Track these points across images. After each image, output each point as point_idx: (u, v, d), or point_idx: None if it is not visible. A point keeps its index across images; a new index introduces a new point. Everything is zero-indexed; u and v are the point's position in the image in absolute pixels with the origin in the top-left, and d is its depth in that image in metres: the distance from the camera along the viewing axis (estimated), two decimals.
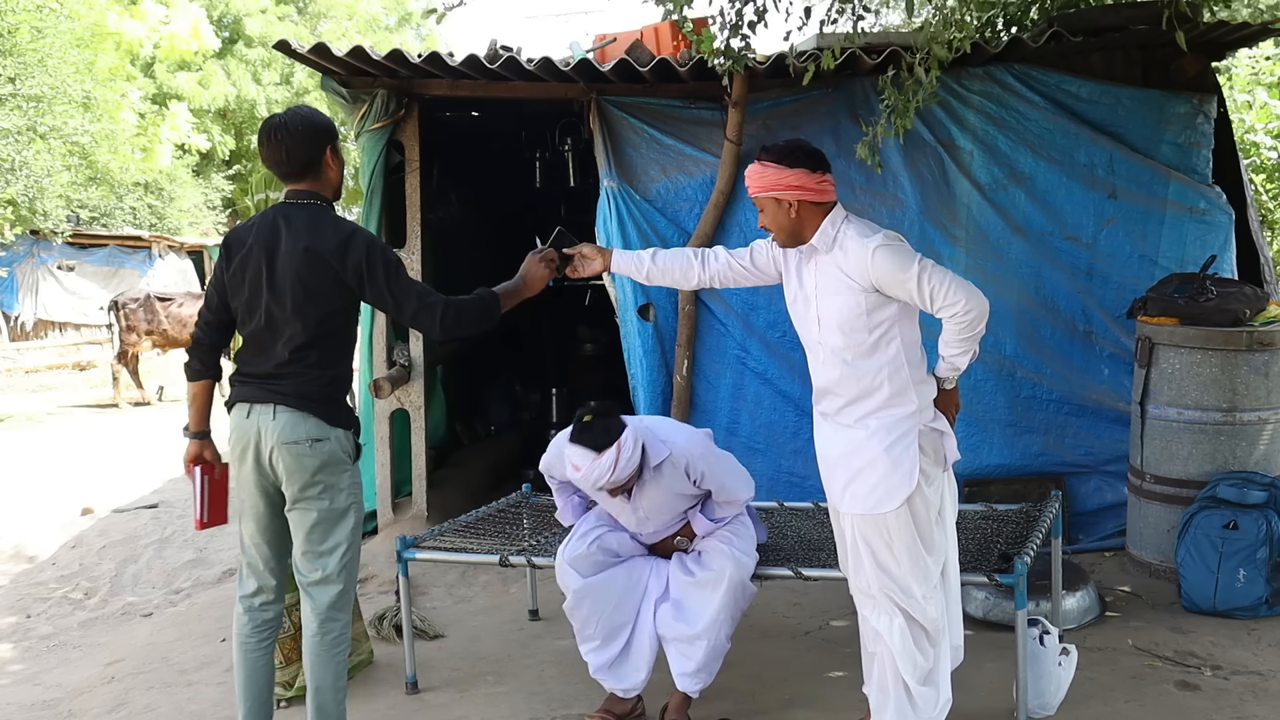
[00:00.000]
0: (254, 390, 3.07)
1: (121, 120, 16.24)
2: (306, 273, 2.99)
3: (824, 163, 2.98)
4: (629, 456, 3.16)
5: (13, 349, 17.76)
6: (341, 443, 3.07)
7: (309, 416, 3.02)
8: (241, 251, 3.08)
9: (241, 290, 3.08)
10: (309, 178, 3.09)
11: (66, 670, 4.37)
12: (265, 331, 3.06)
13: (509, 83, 5.25)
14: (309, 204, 3.09)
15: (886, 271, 2.85)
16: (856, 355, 2.94)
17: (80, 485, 8.07)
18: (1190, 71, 5.07)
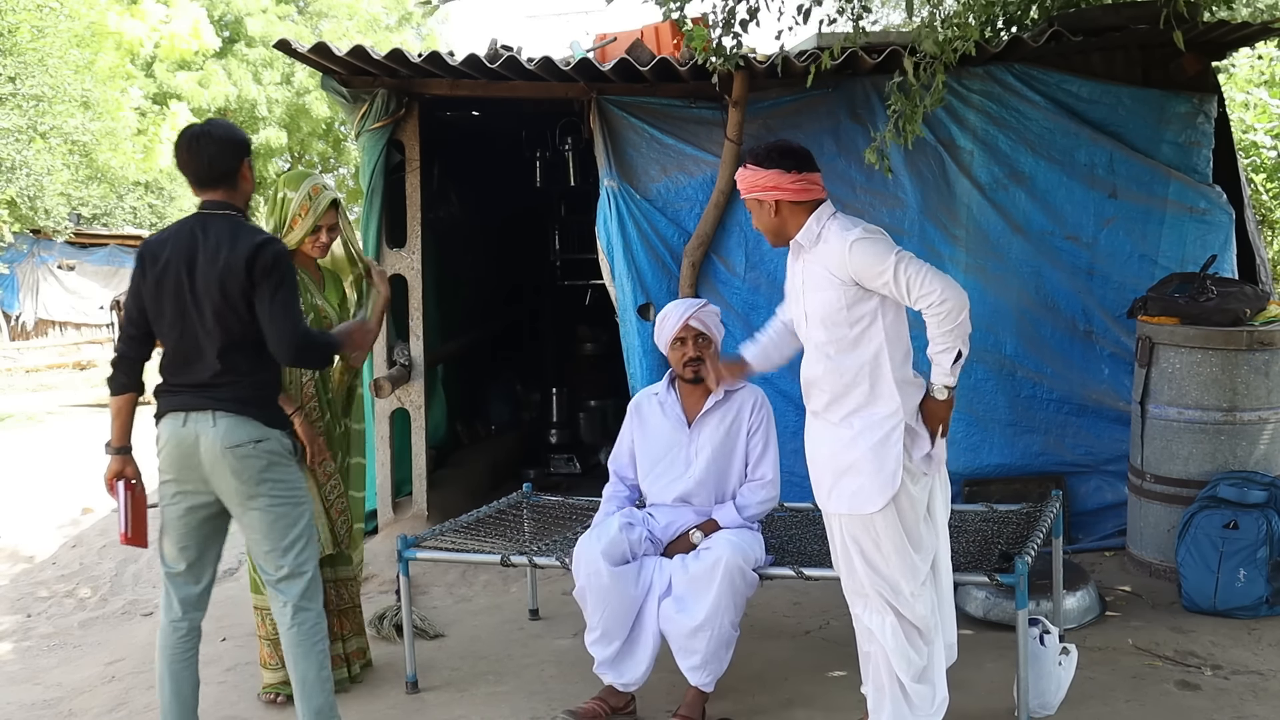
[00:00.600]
0: (188, 399, 3.17)
1: (122, 119, 16.23)
2: (227, 281, 3.04)
3: (805, 162, 2.98)
4: (714, 310, 3.60)
5: (13, 348, 17.77)
6: (282, 442, 3.17)
7: (249, 420, 3.11)
8: (159, 263, 3.11)
9: (162, 301, 3.13)
10: (224, 187, 3.13)
11: (66, 670, 4.36)
12: (192, 341, 3.13)
13: (509, 82, 5.25)
14: (225, 214, 3.12)
15: (863, 263, 2.87)
16: (838, 350, 2.95)
17: (80, 485, 8.07)
18: (1190, 71, 5.07)
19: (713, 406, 3.57)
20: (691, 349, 3.52)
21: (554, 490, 5.44)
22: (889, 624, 2.97)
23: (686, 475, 3.57)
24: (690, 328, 3.52)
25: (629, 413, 3.75)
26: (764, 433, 3.59)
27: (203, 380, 3.14)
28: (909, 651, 2.97)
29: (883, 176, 5.08)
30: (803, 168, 2.97)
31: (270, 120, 23.81)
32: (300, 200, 3.53)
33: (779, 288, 5.07)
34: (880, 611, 2.98)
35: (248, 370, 3.13)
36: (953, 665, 3.74)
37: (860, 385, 2.94)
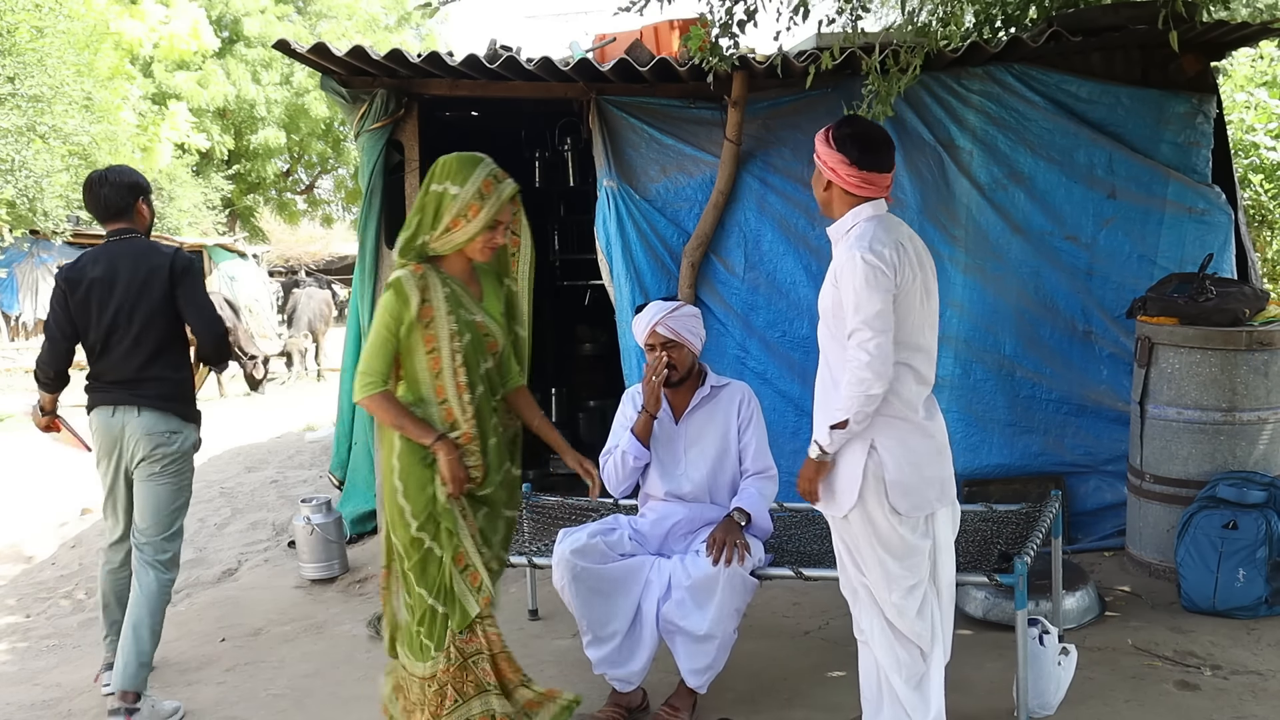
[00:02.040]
0: (117, 394, 3.75)
1: (121, 120, 16.22)
2: (149, 291, 3.69)
3: (877, 160, 2.88)
4: (691, 313, 3.51)
5: (12, 349, 17.77)
6: (191, 435, 3.84)
7: (168, 415, 3.75)
8: (83, 284, 3.74)
9: (90, 315, 3.73)
10: (125, 220, 3.82)
11: (65, 670, 4.36)
12: (119, 346, 3.72)
13: (509, 82, 5.25)
14: (134, 236, 3.81)
15: (847, 277, 2.81)
16: (829, 352, 2.95)
17: (80, 485, 8.07)
18: (1190, 71, 5.07)
19: (699, 402, 3.58)
20: (661, 355, 3.49)
21: (554, 490, 5.42)
22: (877, 624, 2.96)
23: (679, 472, 3.57)
24: (657, 334, 3.48)
25: (622, 403, 3.75)
26: (755, 425, 3.59)
27: (129, 378, 3.73)
28: (898, 651, 2.95)
29: None
30: (868, 164, 2.86)
31: (269, 120, 23.82)
32: (468, 198, 2.93)
33: (779, 288, 5.12)
34: (870, 610, 2.98)
35: (171, 369, 3.77)
36: (953, 665, 3.75)
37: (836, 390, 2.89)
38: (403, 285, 2.87)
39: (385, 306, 2.88)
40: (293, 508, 6.26)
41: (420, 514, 2.90)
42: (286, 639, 4.38)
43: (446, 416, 2.93)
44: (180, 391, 3.80)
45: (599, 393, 7.34)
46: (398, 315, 2.87)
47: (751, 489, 3.51)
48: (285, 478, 8.03)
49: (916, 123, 5.08)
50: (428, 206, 2.94)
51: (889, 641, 2.96)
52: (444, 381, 2.91)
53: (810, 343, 5.10)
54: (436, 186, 2.94)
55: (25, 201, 14.35)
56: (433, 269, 2.93)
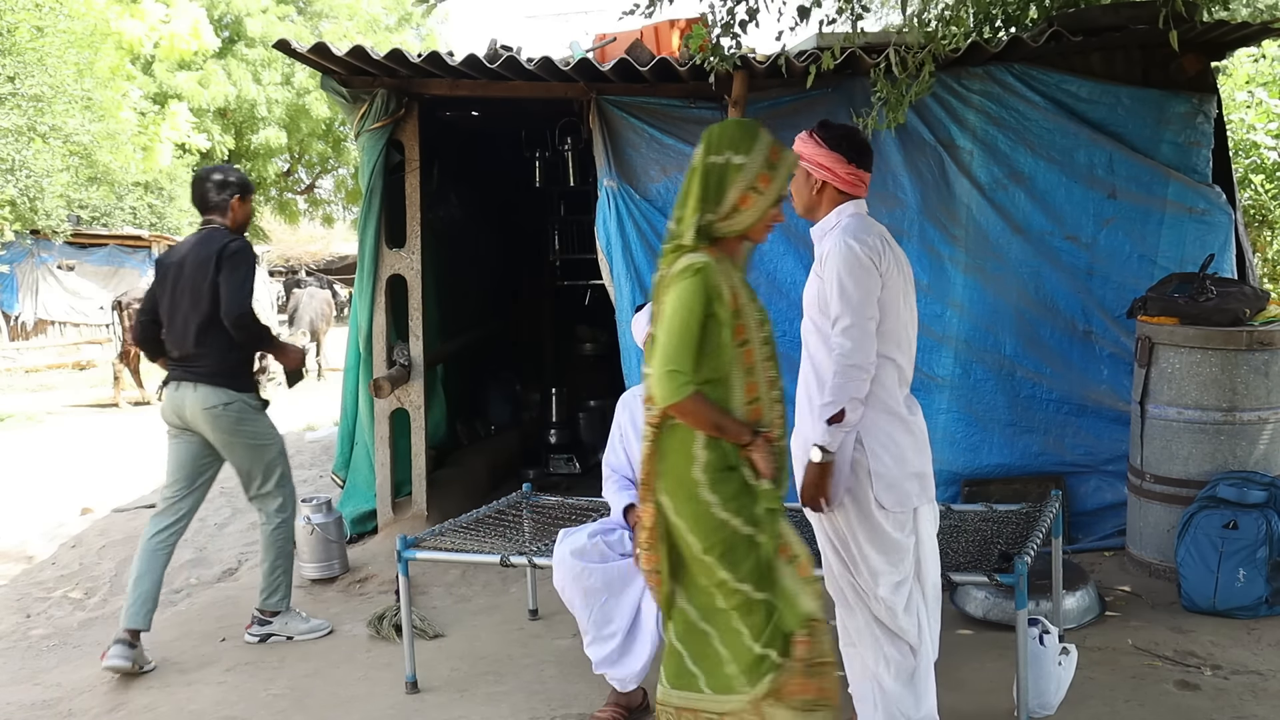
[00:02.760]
0: (178, 371, 4.19)
1: (122, 120, 16.22)
2: (199, 276, 4.09)
3: (864, 159, 2.99)
4: None
5: (13, 348, 17.76)
6: (246, 401, 4.20)
7: (219, 388, 4.12)
8: (162, 268, 4.28)
9: (163, 296, 4.22)
10: (218, 211, 4.25)
11: (66, 670, 4.36)
12: (181, 326, 4.16)
13: (509, 82, 5.25)
14: (211, 228, 4.22)
15: (830, 266, 2.84)
16: (813, 346, 2.96)
17: (80, 485, 8.08)
18: (1190, 71, 5.07)
19: None
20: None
21: (554, 490, 5.44)
22: (864, 624, 2.96)
23: None
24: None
25: (616, 412, 3.75)
26: None
27: (185, 356, 4.16)
28: (886, 649, 2.94)
29: (882, 176, 5.08)
30: (862, 164, 2.98)
31: (270, 120, 23.81)
32: (757, 169, 2.59)
33: (779, 287, 5.11)
34: (857, 610, 2.98)
35: (221, 349, 4.12)
36: (953, 665, 3.75)
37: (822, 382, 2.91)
38: (713, 272, 2.52)
39: (691, 295, 2.49)
40: None
41: (732, 501, 2.52)
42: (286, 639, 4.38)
43: (753, 416, 2.57)
44: (229, 367, 4.16)
45: (599, 393, 7.35)
46: (706, 305, 2.50)
47: None
48: None
49: (916, 123, 5.07)
50: (709, 181, 2.58)
51: (876, 640, 2.95)
52: (757, 377, 2.58)
53: None
54: (716, 157, 2.58)
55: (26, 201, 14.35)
56: (719, 253, 2.59)
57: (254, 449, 4.24)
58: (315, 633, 4.38)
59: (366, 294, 5.45)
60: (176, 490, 4.28)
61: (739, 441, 2.54)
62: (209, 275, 4.07)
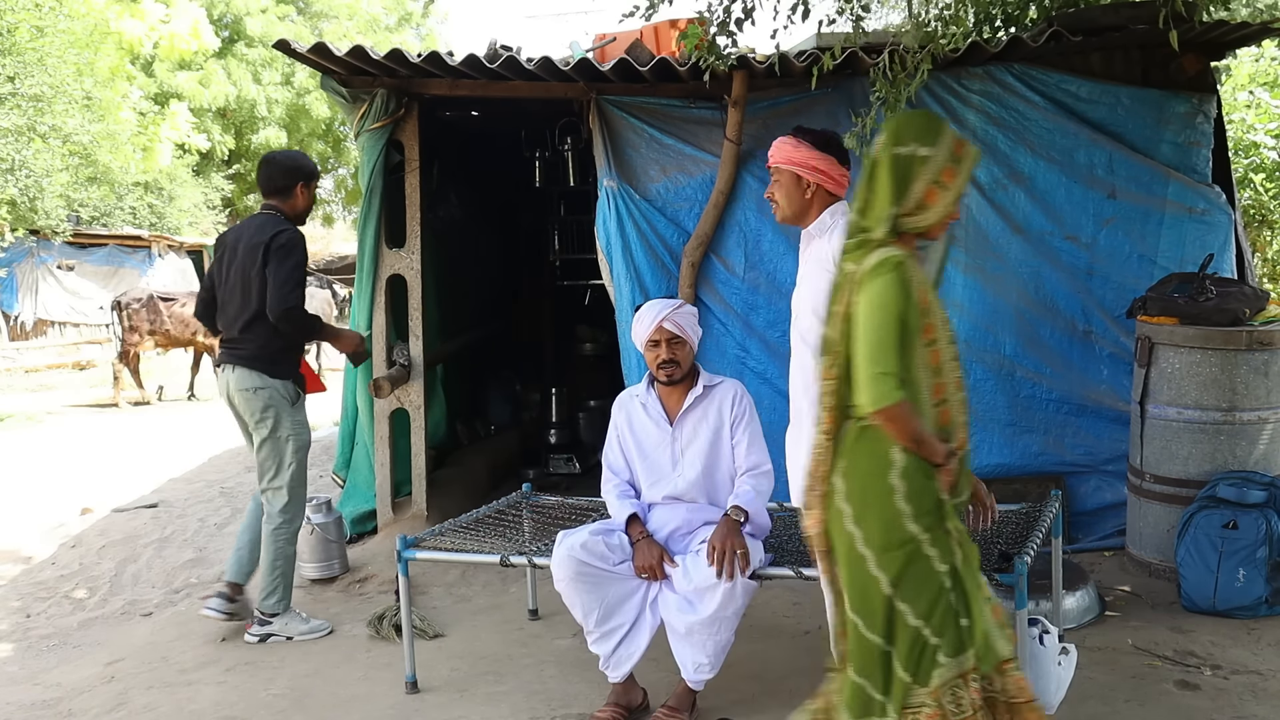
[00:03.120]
0: (223, 354, 4.32)
1: (121, 120, 16.22)
2: (248, 262, 4.15)
3: (848, 161, 3.12)
4: (691, 310, 3.56)
5: (12, 348, 17.76)
6: (279, 390, 4.24)
7: (254, 372, 4.20)
8: (220, 247, 4.37)
9: (218, 275, 4.32)
10: (279, 198, 4.29)
11: (66, 670, 4.36)
12: (229, 308, 4.27)
13: (509, 82, 5.25)
14: (269, 213, 4.26)
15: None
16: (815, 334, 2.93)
17: (80, 485, 8.07)
18: (1190, 71, 5.07)
19: (693, 403, 3.57)
20: (665, 351, 3.51)
21: (554, 490, 5.43)
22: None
23: (676, 474, 3.57)
24: (664, 330, 3.50)
25: (613, 414, 3.75)
26: (747, 423, 3.57)
27: (230, 339, 4.29)
28: None
29: None
30: (847, 164, 3.11)
31: (270, 120, 23.82)
32: (942, 162, 2.48)
33: (779, 288, 5.11)
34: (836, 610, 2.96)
35: (263, 335, 4.18)
36: None
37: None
38: (907, 266, 2.40)
39: (890, 291, 2.38)
40: None
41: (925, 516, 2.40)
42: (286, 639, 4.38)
43: (942, 419, 2.46)
44: (269, 353, 4.22)
45: (599, 393, 7.35)
46: (905, 301, 2.39)
47: (747, 486, 3.50)
48: None
49: None
50: (896, 173, 2.45)
51: None
52: (944, 378, 2.47)
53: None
54: (902, 149, 2.44)
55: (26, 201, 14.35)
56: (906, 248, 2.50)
57: (274, 439, 4.26)
58: (315, 633, 4.37)
59: (366, 294, 5.45)
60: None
61: (934, 461, 2.42)
62: (257, 263, 4.11)
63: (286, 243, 4.11)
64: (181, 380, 14.05)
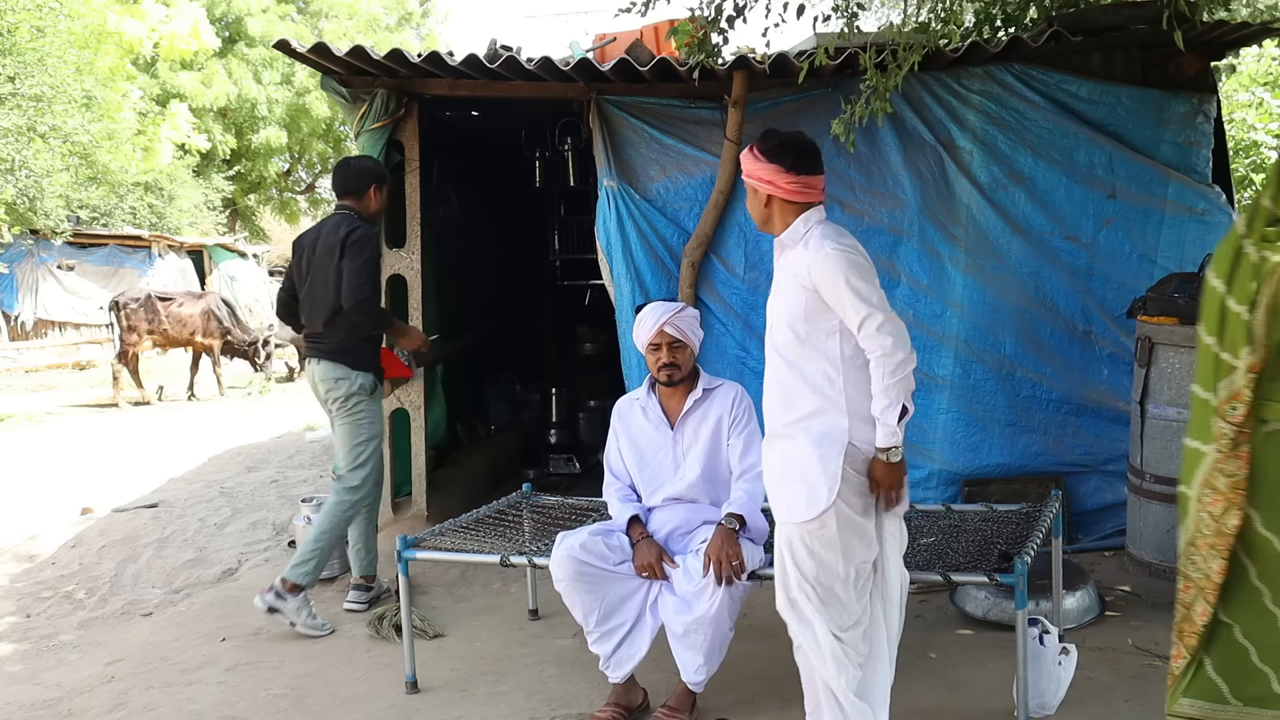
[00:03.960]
0: (309, 348, 4.56)
1: (121, 120, 16.23)
2: (326, 260, 4.37)
3: (810, 163, 2.92)
4: (693, 314, 3.57)
5: (13, 348, 17.77)
6: (361, 381, 4.46)
7: (338, 364, 4.43)
8: (302, 247, 4.57)
9: (297, 275, 4.56)
10: (354, 198, 4.50)
11: (66, 670, 4.36)
12: (310, 304, 4.50)
13: (509, 82, 5.25)
14: (344, 213, 4.48)
15: (828, 275, 2.78)
16: (794, 355, 2.91)
17: (80, 485, 8.08)
18: (1190, 71, 5.07)
19: (693, 406, 3.57)
20: (666, 355, 3.51)
21: (554, 490, 5.44)
22: (821, 635, 2.88)
23: (677, 477, 3.57)
24: (665, 334, 3.50)
25: (612, 420, 3.75)
26: (744, 425, 3.57)
27: (314, 334, 4.52)
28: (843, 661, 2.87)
29: (882, 176, 5.09)
30: (804, 169, 2.91)
31: (270, 120, 23.84)
32: None
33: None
34: (809, 621, 2.90)
35: (345, 329, 4.41)
36: (953, 665, 3.75)
37: (811, 395, 2.86)
38: None
39: None
40: (293, 507, 6.26)
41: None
42: (287, 639, 4.38)
43: None
44: (350, 345, 4.44)
45: (599, 393, 7.35)
46: None
47: (741, 492, 3.50)
48: (285, 477, 8.03)
49: (916, 123, 5.08)
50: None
51: (833, 650, 2.88)
52: None
53: None
54: None
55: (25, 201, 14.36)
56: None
57: (351, 427, 4.48)
58: (317, 630, 4.37)
59: None
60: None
61: None
62: (335, 260, 4.33)
63: (360, 239, 4.33)
64: (181, 380, 14.05)
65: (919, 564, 3.48)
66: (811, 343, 2.86)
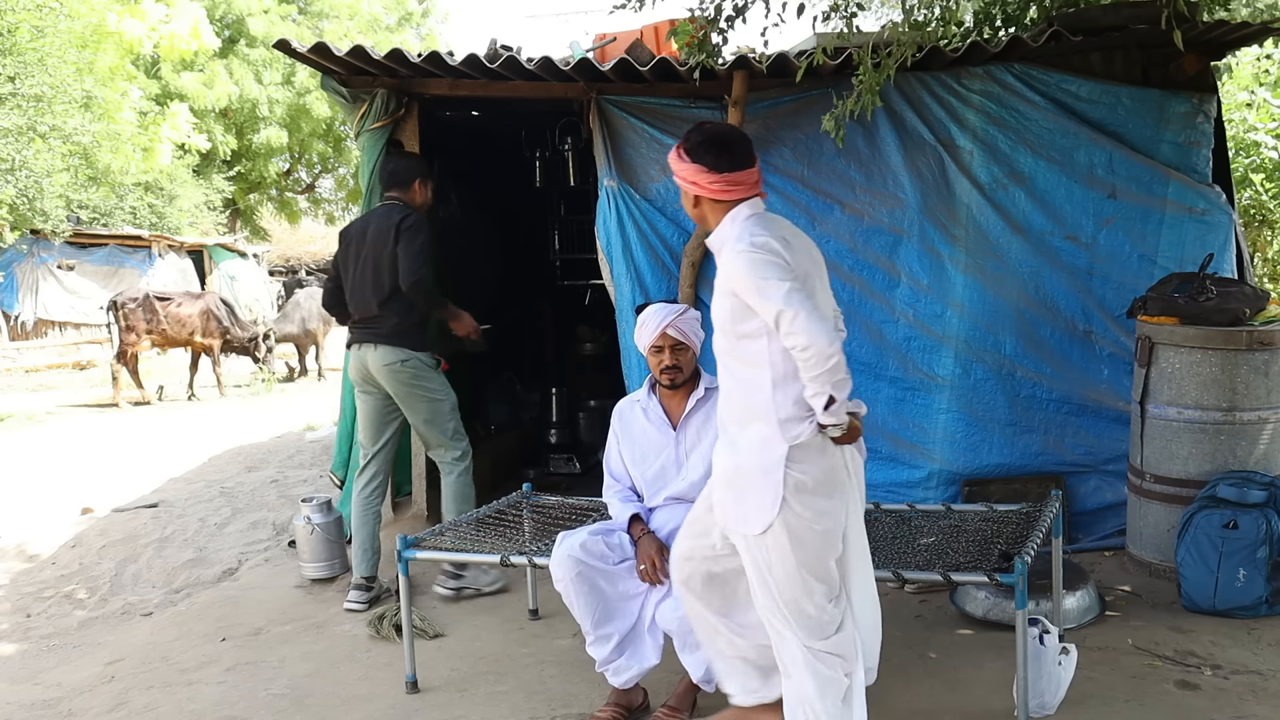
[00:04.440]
0: (360, 333, 4.65)
1: (122, 120, 16.23)
2: (379, 245, 4.52)
3: (736, 160, 2.81)
4: (695, 315, 3.55)
5: (13, 348, 17.77)
6: (422, 359, 4.60)
7: (397, 347, 4.53)
8: (345, 238, 4.73)
9: (346, 263, 4.67)
10: (401, 189, 4.66)
11: (66, 670, 4.37)
12: (362, 290, 4.60)
13: (509, 82, 5.25)
14: (392, 204, 4.64)
15: (739, 278, 2.70)
16: (729, 360, 2.84)
17: (80, 485, 8.08)
18: (1190, 71, 5.07)
19: (696, 406, 3.56)
20: (669, 357, 3.50)
21: (554, 490, 5.43)
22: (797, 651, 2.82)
23: (680, 477, 3.57)
24: (667, 336, 3.48)
25: (612, 421, 3.74)
26: None
27: (368, 318, 4.61)
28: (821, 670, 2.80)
29: (883, 176, 5.09)
30: (728, 166, 2.80)
31: (271, 120, 23.84)
32: None
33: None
34: (783, 638, 2.84)
35: (396, 312, 4.54)
36: (952, 665, 3.75)
37: (745, 403, 2.80)
38: None
39: None
40: (293, 507, 6.26)
41: None
42: (287, 639, 4.38)
43: None
44: (406, 328, 4.56)
45: (600, 393, 7.35)
46: None
47: None
48: (285, 477, 8.03)
49: (916, 123, 5.07)
50: None
51: (810, 664, 2.81)
52: None
53: None
54: None
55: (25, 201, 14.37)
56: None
57: (429, 402, 4.62)
58: (495, 584, 4.73)
59: None
60: (370, 448, 4.76)
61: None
62: (389, 245, 4.47)
63: (414, 224, 4.51)
64: (181, 380, 14.05)
65: (919, 564, 3.48)
66: (741, 347, 2.79)
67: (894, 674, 3.67)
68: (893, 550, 3.68)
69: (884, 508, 4.11)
